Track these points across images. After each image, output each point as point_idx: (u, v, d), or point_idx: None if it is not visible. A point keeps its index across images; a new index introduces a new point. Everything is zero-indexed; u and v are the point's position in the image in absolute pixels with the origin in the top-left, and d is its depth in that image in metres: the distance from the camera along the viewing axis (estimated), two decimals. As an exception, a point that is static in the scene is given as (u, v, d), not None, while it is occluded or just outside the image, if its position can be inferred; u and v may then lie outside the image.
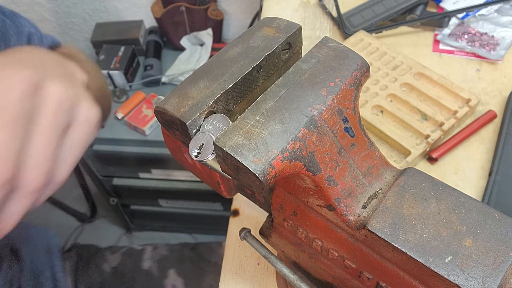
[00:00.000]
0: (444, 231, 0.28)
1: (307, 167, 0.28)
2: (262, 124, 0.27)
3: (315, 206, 0.33)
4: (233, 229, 0.61)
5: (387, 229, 0.29)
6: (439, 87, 0.67)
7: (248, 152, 0.26)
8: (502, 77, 0.71)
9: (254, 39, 0.33)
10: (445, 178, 0.61)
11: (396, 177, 0.33)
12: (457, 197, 0.30)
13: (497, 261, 0.27)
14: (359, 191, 0.32)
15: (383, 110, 0.66)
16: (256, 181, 0.26)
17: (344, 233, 0.33)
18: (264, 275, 0.56)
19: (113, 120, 1.30)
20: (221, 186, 0.40)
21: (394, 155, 0.63)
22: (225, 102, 0.30)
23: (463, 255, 0.27)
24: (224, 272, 0.57)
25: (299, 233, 0.37)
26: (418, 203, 0.30)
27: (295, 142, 0.27)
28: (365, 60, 0.31)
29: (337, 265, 0.35)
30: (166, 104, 0.30)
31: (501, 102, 0.68)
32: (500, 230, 0.28)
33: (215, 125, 0.29)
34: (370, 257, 0.31)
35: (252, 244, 0.40)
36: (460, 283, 0.26)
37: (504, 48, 0.74)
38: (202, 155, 0.29)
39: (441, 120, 0.63)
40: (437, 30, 0.80)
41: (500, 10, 0.79)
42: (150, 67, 1.36)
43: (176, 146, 0.39)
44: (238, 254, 0.58)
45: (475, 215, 0.29)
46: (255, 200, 0.43)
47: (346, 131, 0.30)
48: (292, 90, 0.29)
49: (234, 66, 0.31)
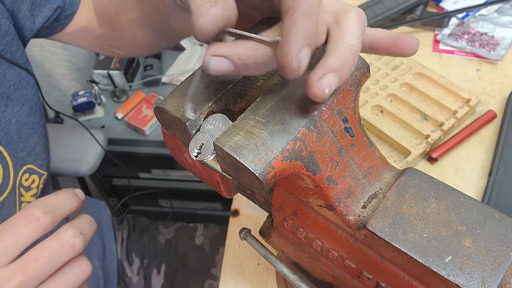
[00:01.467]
0: (444, 231, 0.28)
1: (307, 167, 0.28)
2: (262, 124, 0.27)
3: (315, 206, 0.33)
4: (233, 229, 0.61)
5: (387, 229, 0.29)
6: (439, 87, 0.67)
7: (248, 152, 0.26)
8: (502, 77, 0.71)
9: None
10: (445, 178, 0.61)
11: (396, 177, 0.33)
12: (457, 197, 0.30)
13: (497, 261, 0.27)
14: (359, 191, 0.32)
15: (383, 110, 0.66)
16: (256, 181, 0.26)
17: (344, 233, 0.33)
18: (264, 275, 0.56)
19: (113, 120, 1.30)
20: (221, 186, 0.40)
21: (394, 155, 0.63)
22: (225, 102, 0.30)
23: (463, 255, 0.27)
24: (224, 272, 0.57)
25: (299, 233, 0.37)
26: (418, 203, 0.30)
27: (295, 142, 0.27)
28: (365, 60, 0.31)
29: (337, 265, 0.35)
30: (166, 104, 0.30)
31: (501, 102, 0.68)
32: (500, 230, 0.28)
33: (215, 125, 0.29)
34: (370, 257, 0.31)
35: (252, 244, 0.40)
36: (460, 283, 0.26)
37: (504, 48, 0.74)
38: (202, 155, 0.29)
39: (441, 120, 0.63)
40: (437, 30, 0.80)
41: (500, 10, 0.79)
42: (150, 67, 1.36)
43: (176, 146, 0.39)
44: (238, 254, 0.58)
45: (475, 215, 0.29)
46: (255, 200, 0.43)
47: (346, 131, 0.30)
48: (292, 90, 0.29)
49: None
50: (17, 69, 0.57)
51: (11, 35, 0.55)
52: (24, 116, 0.58)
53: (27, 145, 0.58)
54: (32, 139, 0.59)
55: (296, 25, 0.25)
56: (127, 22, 0.58)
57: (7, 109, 0.55)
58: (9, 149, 0.55)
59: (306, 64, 0.25)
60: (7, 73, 0.55)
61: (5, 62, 0.55)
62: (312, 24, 0.25)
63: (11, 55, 0.56)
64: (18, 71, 0.57)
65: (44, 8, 0.58)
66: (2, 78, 0.54)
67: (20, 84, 0.57)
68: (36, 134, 0.60)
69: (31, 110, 0.59)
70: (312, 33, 0.25)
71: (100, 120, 1.30)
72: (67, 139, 1.02)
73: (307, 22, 0.25)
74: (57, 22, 0.61)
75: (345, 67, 0.28)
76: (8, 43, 0.55)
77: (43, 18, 0.59)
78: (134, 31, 0.59)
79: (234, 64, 0.26)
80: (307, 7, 0.25)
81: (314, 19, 0.25)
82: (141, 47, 0.64)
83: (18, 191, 0.57)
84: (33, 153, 0.60)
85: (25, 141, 0.58)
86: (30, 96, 0.59)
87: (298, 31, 0.25)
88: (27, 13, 0.57)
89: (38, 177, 0.61)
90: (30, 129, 0.59)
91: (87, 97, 1.26)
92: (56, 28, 0.62)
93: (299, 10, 0.25)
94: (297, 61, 0.25)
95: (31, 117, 0.59)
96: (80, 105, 1.25)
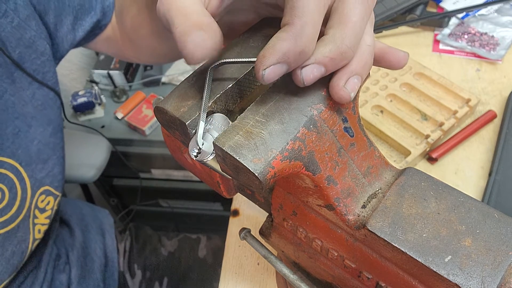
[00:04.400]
0: (444, 231, 0.28)
1: (307, 167, 0.28)
2: (261, 124, 0.27)
3: (315, 206, 0.33)
4: (233, 229, 0.61)
5: (386, 228, 0.29)
6: (439, 87, 0.67)
7: (247, 152, 0.26)
8: (502, 77, 0.71)
9: (254, 39, 0.33)
10: (445, 178, 0.61)
11: (395, 177, 0.33)
12: (456, 196, 0.30)
13: (497, 260, 0.27)
14: (358, 191, 0.32)
15: (383, 110, 0.66)
16: (255, 181, 0.26)
17: (343, 232, 0.33)
18: (264, 275, 0.56)
19: (113, 120, 1.30)
20: (221, 186, 0.40)
21: (394, 155, 0.63)
22: (224, 102, 0.30)
23: (462, 254, 0.27)
24: (224, 272, 0.57)
25: (299, 233, 0.37)
26: (417, 202, 0.30)
27: (295, 142, 0.27)
28: (364, 60, 0.31)
29: (337, 265, 0.35)
30: (166, 104, 0.30)
31: (501, 102, 0.68)
32: (500, 229, 0.28)
33: (215, 125, 0.29)
34: (369, 256, 0.31)
35: (252, 244, 0.40)
36: (459, 283, 0.26)
37: (504, 48, 0.74)
38: (202, 155, 0.29)
39: (441, 120, 0.63)
40: (437, 30, 0.80)
41: (500, 10, 0.79)
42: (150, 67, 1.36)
43: (176, 146, 0.39)
44: (238, 254, 0.58)
45: (475, 215, 0.29)
46: (255, 200, 0.43)
47: (345, 130, 0.30)
48: (292, 90, 0.29)
49: (234, 66, 0.31)
50: (45, 89, 0.57)
51: (46, 55, 0.56)
52: (46, 137, 0.58)
53: (45, 166, 0.59)
54: (51, 160, 0.60)
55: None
56: (144, 35, 0.58)
57: (30, 130, 0.55)
58: (28, 170, 0.56)
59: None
60: (36, 92, 0.56)
61: (36, 82, 0.55)
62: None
63: (43, 75, 0.56)
64: (47, 91, 0.58)
65: (84, 21, 0.59)
66: (31, 97, 0.55)
67: (46, 104, 0.58)
68: (55, 155, 0.60)
69: (53, 130, 0.60)
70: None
71: (100, 120, 1.30)
72: (68, 144, 1.03)
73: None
74: (92, 33, 0.62)
75: (366, 67, 0.28)
76: (42, 63, 0.56)
77: (83, 31, 0.60)
78: (152, 43, 0.59)
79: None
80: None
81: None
82: (161, 58, 0.64)
83: (33, 213, 0.57)
84: (51, 174, 0.60)
85: (44, 162, 0.58)
86: (54, 116, 0.60)
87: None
88: (69, 27, 0.58)
89: (53, 198, 0.61)
90: (50, 149, 0.59)
91: (87, 97, 1.26)
92: (89, 38, 0.63)
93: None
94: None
95: (53, 137, 0.60)
96: (80, 105, 1.25)
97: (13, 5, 0.52)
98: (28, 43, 0.53)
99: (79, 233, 0.76)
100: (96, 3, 0.59)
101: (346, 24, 0.26)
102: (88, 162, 1.02)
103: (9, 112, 0.53)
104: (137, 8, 0.55)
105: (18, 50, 0.52)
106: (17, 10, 0.52)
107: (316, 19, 0.26)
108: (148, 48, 0.61)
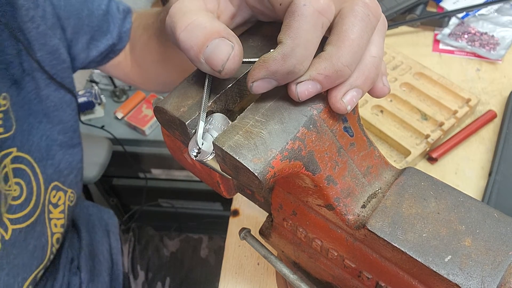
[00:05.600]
0: (444, 231, 0.28)
1: (307, 167, 0.28)
2: (261, 123, 0.27)
3: (315, 205, 0.33)
4: (233, 229, 0.61)
5: (386, 228, 0.29)
6: (439, 87, 0.67)
7: (247, 152, 0.26)
8: (502, 77, 0.71)
9: (254, 39, 0.33)
10: (445, 178, 0.61)
11: (395, 176, 0.33)
12: (456, 196, 0.30)
13: (497, 260, 0.27)
14: (358, 191, 0.32)
15: (383, 110, 0.66)
16: (255, 180, 0.26)
17: (343, 232, 0.33)
18: (264, 275, 0.56)
19: (113, 120, 1.30)
20: (221, 186, 0.40)
21: (394, 155, 0.63)
22: (224, 101, 0.30)
23: (462, 254, 0.27)
24: (224, 272, 0.57)
25: (298, 232, 0.37)
26: (417, 202, 0.30)
27: (294, 141, 0.27)
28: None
29: (337, 265, 0.35)
30: (166, 104, 0.30)
31: (501, 102, 0.68)
32: (500, 229, 0.28)
33: (215, 125, 0.29)
34: (369, 256, 0.31)
35: (252, 244, 0.40)
36: (459, 283, 0.26)
37: (504, 48, 0.73)
38: (202, 155, 0.29)
39: (441, 120, 0.63)
40: (437, 30, 0.80)
41: (500, 10, 0.79)
42: (150, 67, 1.36)
43: (176, 146, 0.39)
44: (238, 254, 0.58)
45: (475, 215, 0.29)
46: (255, 200, 0.43)
47: (345, 130, 0.30)
48: None
49: None
50: (62, 92, 0.59)
51: (66, 63, 0.58)
52: (54, 134, 0.60)
53: (53, 162, 0.60)
54: (57, 156, 0.61)
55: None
56: (152, 62, 0.61)
57: (40, 126, 0.57)
58: (40, 165, 0.57)
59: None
60: (52, 94, 0.58)
61: (53, 84, 0.57)
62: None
63: (61, 79, 0.58)
64: (63, 94, 0.59)
65: (99, 42, 0.61)
66: (46, 98, 0.57)
67: (60, 105, 0.60)
68: (61, 151, 0.62)
69: (62, 129, 0.61)
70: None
71: (100, 120, 1.30)
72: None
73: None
74: (107, 56, 0.64)
75: (368, 81, 0.28)
76: (62, 69, 0.58)
77: (97, 52, 0.62)
78: (157, 71, 0.62)
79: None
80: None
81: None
82: (166, 85, 0.67)
83: (48, 208, 0.59)
84: (57, 170, 0.61)
85: (52, 158, 0.60)
86: (66, 118, 0.61)
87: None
88: (84, 46, 0.61)
89: (63, 194, 0.63)
90: (57, 146, 0.61)
91: (87, 97, 1.26)
92: (103, 61, 0.65)
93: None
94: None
95: (61, 135, 0.61)
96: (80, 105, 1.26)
97: (41, 12, 0.54)
98: (51, 50, 0.56)
99: (86, 234, 0.76)
100: (114, 27, 0.61)
101: (343, 41, 0.26)
102: (89, 163, 1.02)
103: (25, 109, 0.55)
104: (148, 36, 0.58)
105: (40, 54, 0.54)
106: (45, 17, 0.54)
107: (310, 40, 0.25)
108: (154, 75, 0.64)
